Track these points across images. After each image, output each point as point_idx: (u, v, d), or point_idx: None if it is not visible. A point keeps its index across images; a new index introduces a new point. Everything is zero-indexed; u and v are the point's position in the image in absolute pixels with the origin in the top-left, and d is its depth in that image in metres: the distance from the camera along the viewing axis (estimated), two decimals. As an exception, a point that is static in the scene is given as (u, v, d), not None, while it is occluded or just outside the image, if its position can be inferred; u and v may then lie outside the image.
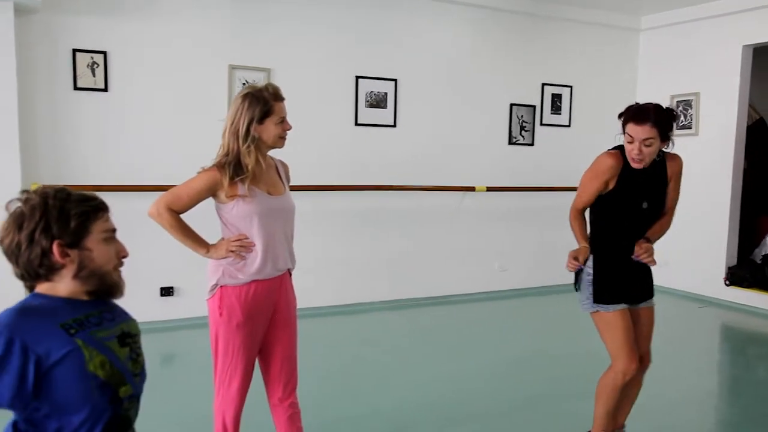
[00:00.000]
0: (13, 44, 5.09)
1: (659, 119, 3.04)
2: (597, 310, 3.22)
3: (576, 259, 3.15)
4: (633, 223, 3.21)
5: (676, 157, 3.27)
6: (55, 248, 1.60)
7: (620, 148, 3.21)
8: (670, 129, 3.11)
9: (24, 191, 1.66)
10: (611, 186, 3.18)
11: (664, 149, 3.17)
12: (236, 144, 2.80)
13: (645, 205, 3.20)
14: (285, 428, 3.09)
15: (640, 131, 3.03)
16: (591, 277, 3.21)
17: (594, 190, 3.21)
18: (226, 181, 2.77)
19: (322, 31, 6.37)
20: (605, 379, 3.26)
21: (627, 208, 3.20)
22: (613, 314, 3.19)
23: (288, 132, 2.92)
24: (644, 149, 3.04)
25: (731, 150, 7.23)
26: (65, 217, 1.60)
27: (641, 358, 3.30)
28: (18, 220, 1.60)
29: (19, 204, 1.62)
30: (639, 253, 3.10)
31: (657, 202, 3.24)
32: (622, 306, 3.20)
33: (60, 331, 1.59)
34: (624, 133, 3.11)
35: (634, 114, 3.08)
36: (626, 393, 3.35)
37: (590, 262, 3.23)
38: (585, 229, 3.27)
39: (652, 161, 3.18)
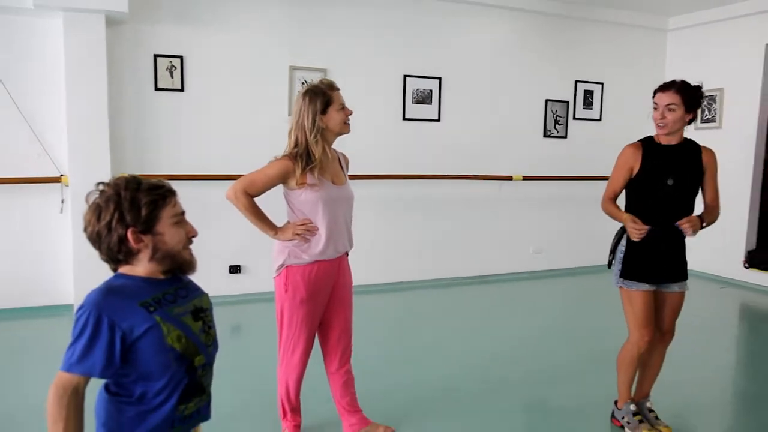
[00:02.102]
0: (104, 50, 5.21)
1: (683, 87, 3.01)
2: (622, 285, 3.16)
3: (635, 222, 3.01)
4: (660, 200, 3.07)
5: (709, 150, 3.16)
6: (129, 235, 1.60)
7: (643, 140, 3.16)
8: (696, 101, 3.03)
9: (100, 183, 1.66)
10: (636, 170, 3.11)
11: (690, 122, 3.07)
12: (304, 136, 2.79)
13: (670, 181, 3.05)
14: (340, 393, 3.10)
15: (664, 97, 3.02)
16: (623, 255, 3.15)
17: (620, 179, 3.16)
18: (299, 171, 2.76)
19: (373, 34, 6.33)
20: (623, 351, 3.23)
21: (653, 186, 3.08)
22: (635, 292, 3.11)
23: (350, 117, 2.90)
24: (667, 114, 3.00)
25: (753, 142, 6.99)
26: (137, 207, 1.60)
27: (665, 334, 3.23)
28: (96, 211, 1.61)
29: (96, 195, 1.63)
30: (683, 221, 2.96)
31: (684, 180, 3.08)
32: (646, 286, 3.10)
33: (141, 309, 1.60)
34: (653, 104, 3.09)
35: (661, 84, 3.08)
36: (649, 364, 3.29)
37: (624, 241, 3.17)
38: (619, 207, 3.17)
39: (683, 141, 3.10)
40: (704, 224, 3.07)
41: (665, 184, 3.06)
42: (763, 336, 5.34)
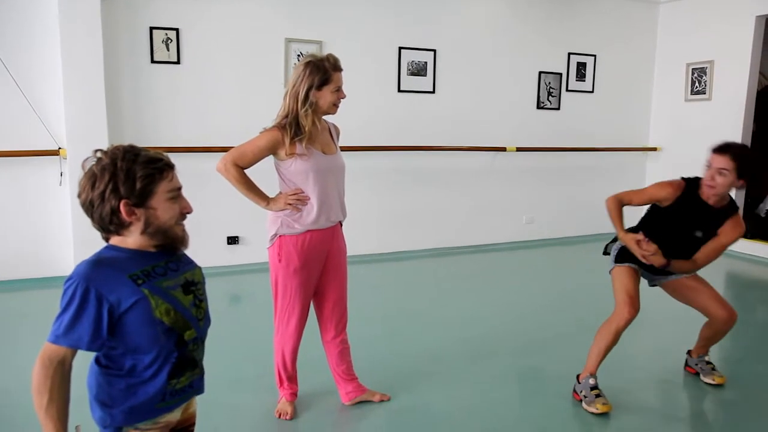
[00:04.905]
0: (99, 24, 5.08)
1: (740, 155, 2.98)
2: (613, 267, 3.27)
3: (640, 246, 3.05)
4: (682, 243, 3.14)
5: (738, 225, 3.11)
6: (122, 207, 1.52)
7: (689, 181, 3.14)
8: (750, 169, 3.02)
9: (97, 150, 1.57)
10: (666, 203, 3.14)
11: (740, 188, 3.09)
12: (295, 106, 2.72)
13: (699, 233, 3.12)
14: (336, 362, 3.07)
15: (719, 159, 2.98)
16: (622, 246, 3.25)
17: (642, 201, 3.18)
18: (287, 140, 2.70)
19: (369, 6, 6.19)
20: (605, 323, 3.17)
21: (678, 230, 3.11)
22: (621, 267, 3.22)
23: (342, 101, 2.83)
24: (717, 177, 2.98)
25: (741, 114, 6.92)
26: (132, 179, 1.52)
27: (729, 317, 3.26)
28: (91, 179, 1.53)
29: (93, 163, 1.55)
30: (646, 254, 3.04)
31: (709, 236, 3.14)
32: (634, 266, 3.21)
33: (129, 282, 1.53)
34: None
35: (718, 146, 3.05)
36: (713, 337, 3.44)
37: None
38: (622, 218, 3.16)
39: (725, 205, 3.11)
40: (668, 264, 3.08)
41: (692, 235, 3.12)
42: (747, 302, 5.33)
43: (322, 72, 2.72)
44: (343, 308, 3.03)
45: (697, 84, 7.35)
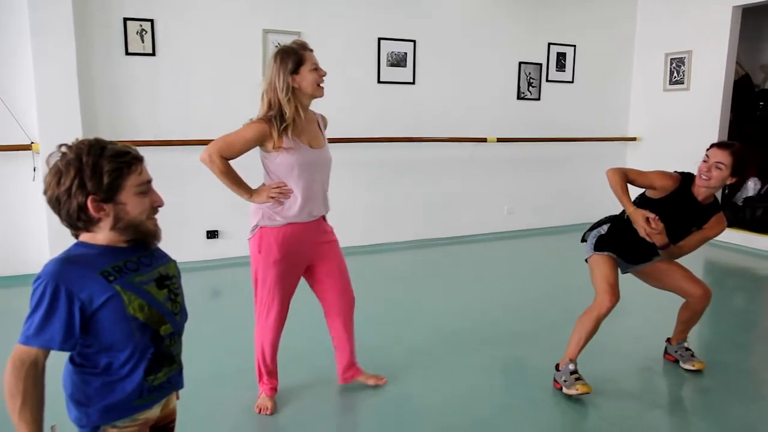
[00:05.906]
0: (71, 14, 4.98)
1: (739, 153, 3.05)
2: (591, 255, 3.31)
3: (648, 224, 3.03)
4: (674, 234, 3.15)
5: (722, 221, 3.22)
6: (89, 204, 1.48)
7: (684, 175, 3.20)
8: (745, 170, 3.08)
9: (62, 145, 1.52)
10: (658, 195, 3.18)
11: (731, 186, 3.19)
12: (277, 98, 2.69)
13: (694, 229, 3.20)
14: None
15: (718, 154, 3.06)
16: (600, 235, 3.31)
17: (644, 183, 3.20)
18: (275, 133, 2.67)
19: (347, -4, 6.18)
20: (586, 311, 3.20)
21: (671, 222, 3.10)
22: (599, 256, 3.27)
23: (324, 79, 2.79)
24: (713, 171, 3.06)
25: (719, 103, 7.00)
26: (98, 174, 1.48)
27: (704, 294, 3.37)
28: (56, 175, 1.49)
29: (57, 158, 1.51)
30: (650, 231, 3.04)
31: (700, 227, 3.24)
32: (613, 255, 3.27)
33: (100, 279, 1.49)
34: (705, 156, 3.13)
35: (721, 142, 3.18)
36: (690, 319, 3.49)
37: (607, 227, 3.33)
38: (629, 195, 3.13)
39: (711, 202, 3.18)
40: (662, 247, 3.11)
41: (688, 229, 3.20)
42: (725, 290, 5.39)
43: (293, 55, 2.71)
44: (350, 296, 3.15)
45: (675, 74, 7.41)
